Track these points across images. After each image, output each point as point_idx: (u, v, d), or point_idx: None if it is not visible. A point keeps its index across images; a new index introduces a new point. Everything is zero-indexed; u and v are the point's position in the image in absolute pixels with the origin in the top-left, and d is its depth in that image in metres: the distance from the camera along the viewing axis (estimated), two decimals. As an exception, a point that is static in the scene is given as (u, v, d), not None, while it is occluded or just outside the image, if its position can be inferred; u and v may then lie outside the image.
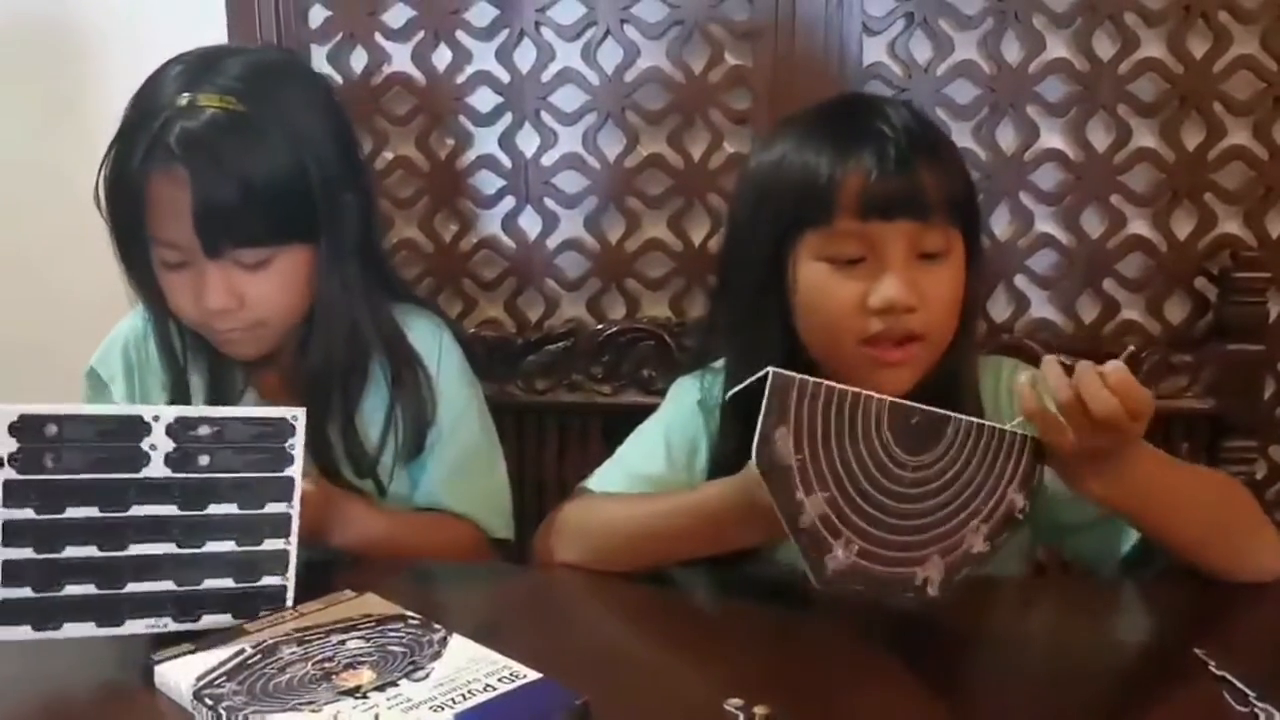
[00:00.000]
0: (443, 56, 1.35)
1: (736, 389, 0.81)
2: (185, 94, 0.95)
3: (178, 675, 0.73)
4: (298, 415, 0.81)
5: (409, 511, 1.09)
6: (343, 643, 0.78)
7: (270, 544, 0.82)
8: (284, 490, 0.82)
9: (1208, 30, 1.25)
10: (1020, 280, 1.32)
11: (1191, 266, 1.30)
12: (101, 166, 0.99)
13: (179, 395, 1.05)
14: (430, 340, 1.12)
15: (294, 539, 0.83)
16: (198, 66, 0.98)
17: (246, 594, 0.82)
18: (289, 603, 0.83)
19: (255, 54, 1.06)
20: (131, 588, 0.79)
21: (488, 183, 1.37)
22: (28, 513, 0.75)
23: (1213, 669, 0.75)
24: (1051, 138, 1.30)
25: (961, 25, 1.28)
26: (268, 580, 0.82)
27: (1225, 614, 0.87)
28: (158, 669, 0.75)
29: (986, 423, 0.80)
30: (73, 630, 0.78)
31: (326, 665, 0.74)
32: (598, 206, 1.36)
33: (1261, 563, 0.89)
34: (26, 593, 0.76)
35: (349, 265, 1.04)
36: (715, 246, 1.34)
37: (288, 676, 0.73)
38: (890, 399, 0.79)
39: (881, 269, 0.90)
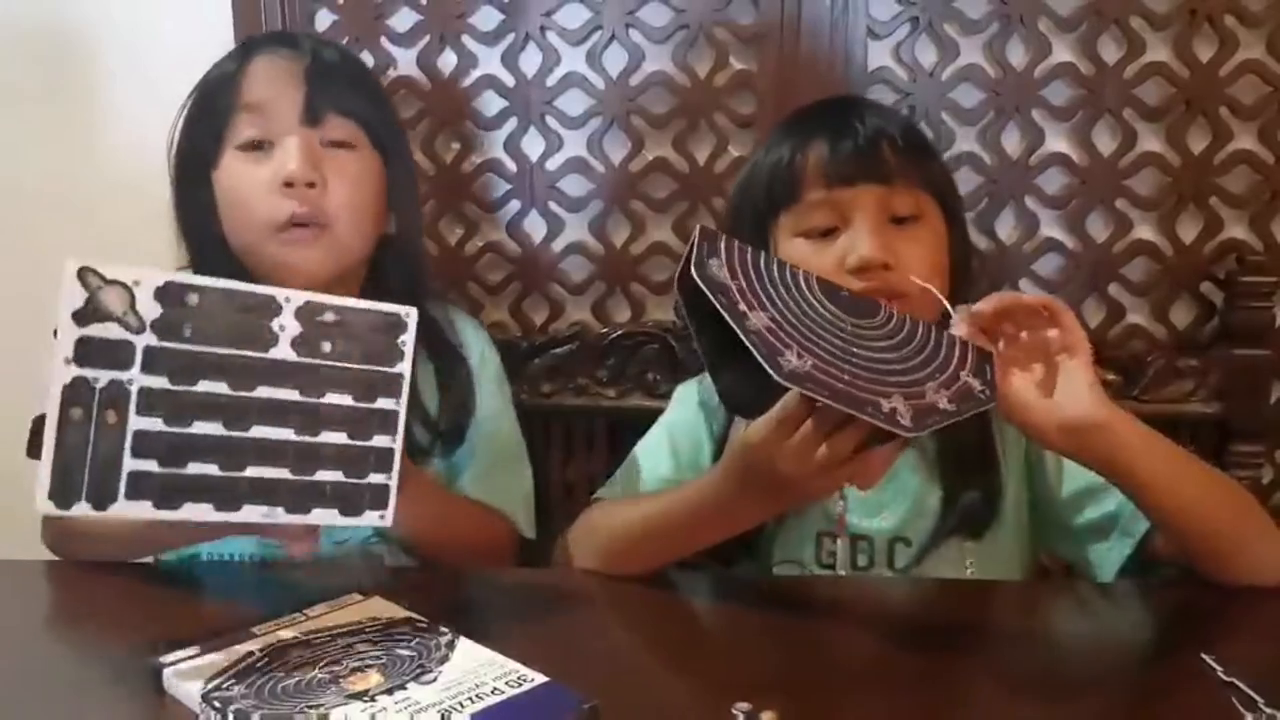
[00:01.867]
0: (448, 60, 1.35)
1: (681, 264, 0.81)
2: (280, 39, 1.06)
3: (186, 678, 0.73)
4: (410, 313, 0.82)
5: (462, 496, 1.09)
6: (350, 646, 0.78)
7: (378, 440, 0.81)
8: (394, 386, 0.82)
9: (1213, 34, 1.26)
10: (1025, 284, 1.32)
11: (1197, 271, 1.30)
12: (181, 111, 1.05)
13: None
14: (473, 337, 1.15)
15: (400, 437, 0.82)
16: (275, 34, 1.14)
17: (355, 489, 0.81)
18: (392, 503, 0.82)
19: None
20: (251, 471, 0.77)
21: (493, 186, 1.38)
22: (163, 381, 0.74)
23: (1221, 675, 0.75)
24: (1057, 142, 1.30)
25: (966, 29, 1.28)
26: (374, 477, 0.81)
27: (1233, 619, 0.87)
28: (166, 671, 0.74)
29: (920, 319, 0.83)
30: (191, 512, 0.76)
31: (334, 669, 0.74)
32: (603, 210, 1.36)
33: (1266, 566, 0.89)
34: (153, 466, 0.75)
35: (414, 207, 1.11)
36: (720, 250, 1.35)
37: (295, 679, 0.73)
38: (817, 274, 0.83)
39: (854, 234, 0.94)
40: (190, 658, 0.76)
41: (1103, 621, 0.91)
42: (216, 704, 0.70)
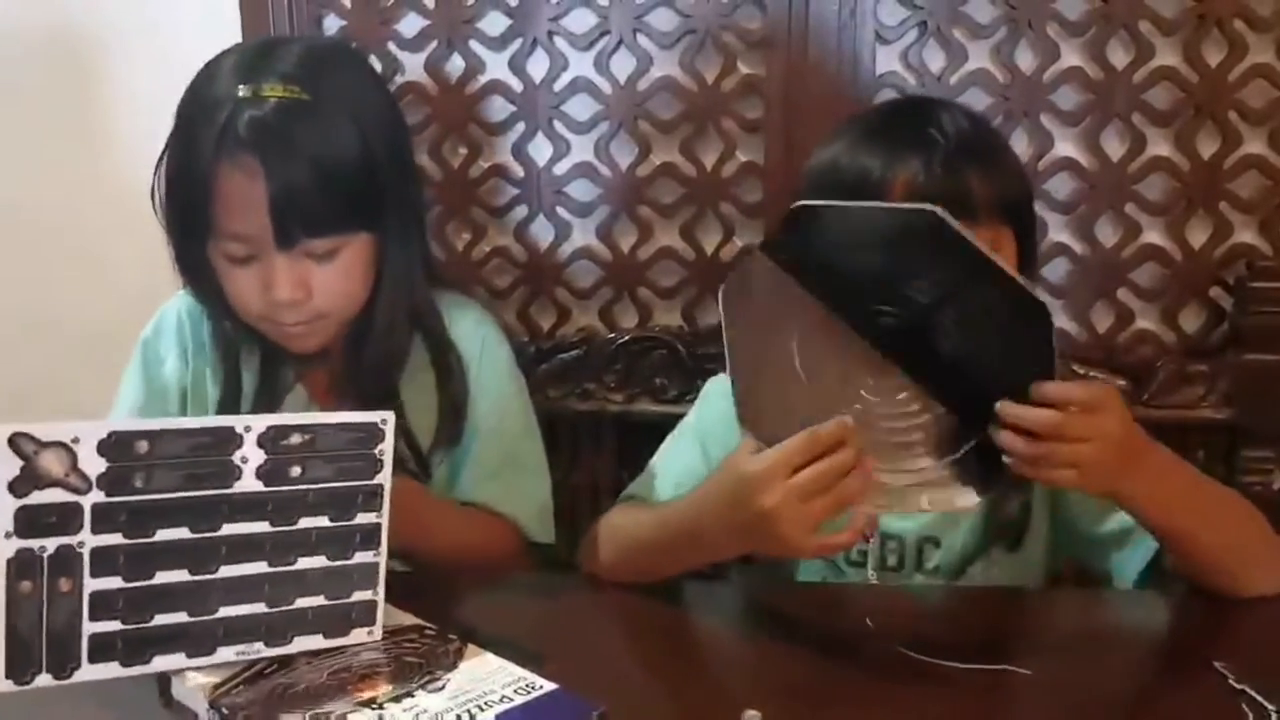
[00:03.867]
0: (456, 65, 1.35)
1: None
2: (246, 85, 0.95)
3: (194, 685, 0.73)
4: (387, 419, 0.78)
5: (457, 504, 1.08)
6: (358, 653, 0.78)
7: (360, 556, 0.79)
8: (373, 499, 0.78)
9: (1223, 39, 1.25)
10: (1034, 289, 1.32)
11: (1207, 276, 1.30)
12: (158, 166, 1.00)
13: (231, 390, 1.06)
14: (474, 333, 1.11)
15: (384, 550, 0.79)
16: (254, 57, 0.98)
17: (338, 611, 0.78)
18: (379, 619, 0.80)
19: (307, 42, 1.08)
20: (223, 612, 0.75)
21: (500, 191, 1.37)
22: (116, 538, 0.71)
23: (1232, 682, 0.75)
24: (1065, 147, 1.29)
25: (975, 34, 1.28)
26: (358, 595, 0.79)
27: (1245, 627, 0.87)
28: (174, 678, 0.74)
29: None
30: (162, 664, 0.74)
31: (342, 676, 0.74)
32: (610, 215, 1.36)
33: (1272, 582, 0.90)
34: (115, 626, 0.72)
35: (411, 251, 1.04)
36: (728, 255, 1.35)
37: (303, 686, 0.73)
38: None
39: None
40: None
41: (1115, 628, 0.91)
42: (224, 710, 0.70)
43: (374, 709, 0.70)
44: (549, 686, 0.72)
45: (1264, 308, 1.25)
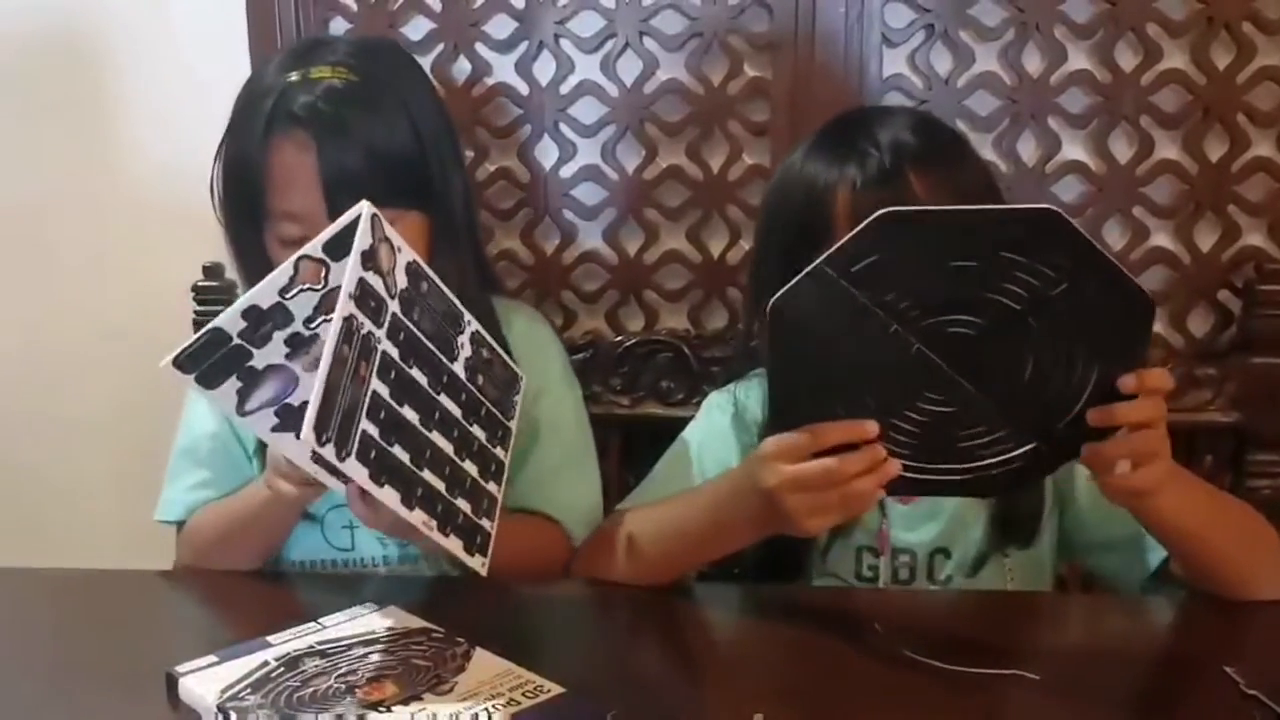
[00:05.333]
0: (462, 68, 1.35)
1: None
2: (297, 70, 0.97)
3: (201, 687, 0.73)
4: (523, 377, 0.88)
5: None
6: (366, 656, 0.78)
7: (491, 485, 0.85)
8: (506, 438, 0.87)
9: (1231, 41, 1.25)
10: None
11: (1215, 279, 1.29)
12: (216, 157, 1.01)
13: None
14: (532, 336, 1.12)
15: (503, 488, 0.86)
16: (302, 49, 1.01)
17: (474, 527, 0.82)
18: (490, 554, 0.83)
19: (356, 37, 1.10)
20: (426, 474, 0.77)
21: (507, 195, 1.37)
22: (395, 352, 0.75)
23: (1243, 688, 0.74)
24: (1073, 149, 1.29)
25: (982, 36, 1.28)
26: (485, 521, 0.83)
27: (1256, 633, 0.86)
28: (181, 681, 0.74)
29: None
30: (388, 496, 0.74)
31: (350, 679, 0.74)
32: (616, 218, 1.36)
33: (1274, 583, 0.90)
34: (375, 433, 0.73)
35: (461, 241, 1.05)
36: (734, 258, 1.35)
37: (311, 689, 0.73)
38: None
39: None
40: (206, 666, 0.76)
41: (1126, 634, 0.90)
42: (232, 713, 0.70)
43: (382, 711, 0.70)
44: (557, 690, 0.72)
45: (1272, 311, 1.25)
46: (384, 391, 0.74)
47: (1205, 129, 1.27)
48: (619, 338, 1.35)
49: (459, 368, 0.80)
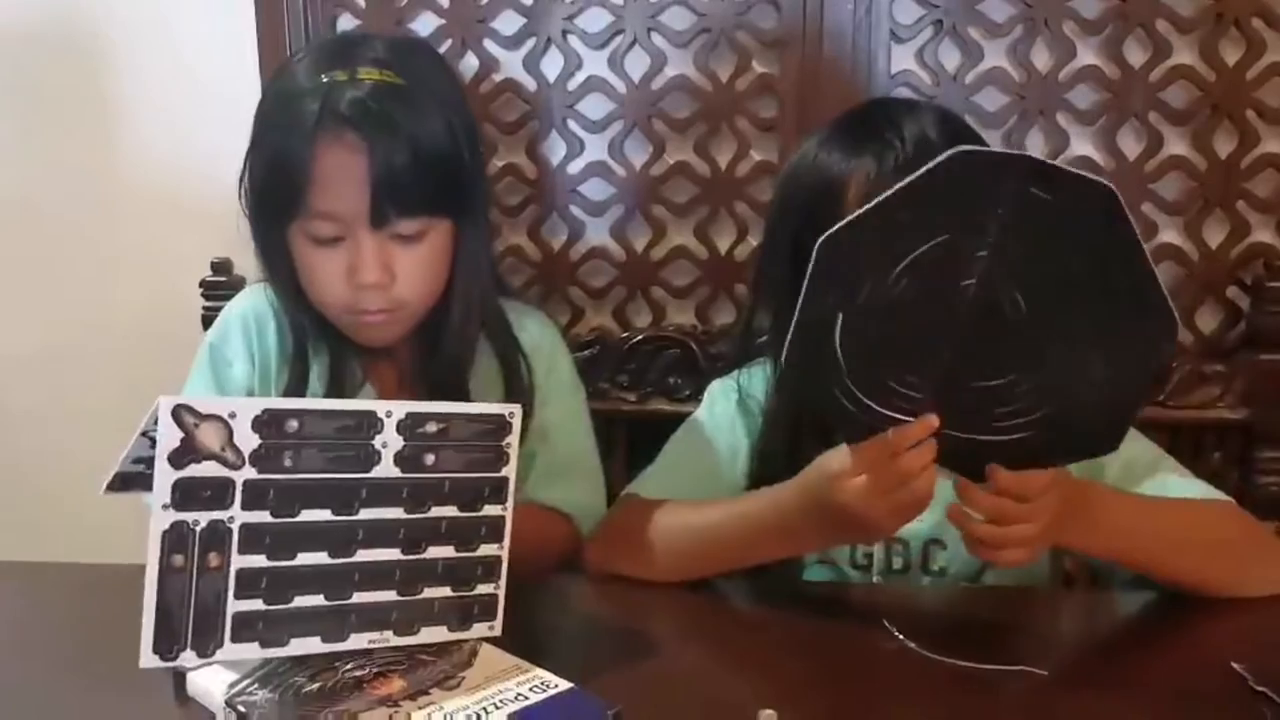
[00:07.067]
0: (470, 64, 1.35)
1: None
2: (341, 69, 0.96)
3: (209, 682, 0.73)
4: (514, 412, 0.79)
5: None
6: (373, 651, 0.78)
7: (485, 549, 0.79)
8: (499, 492, 0.79)
9: (1240, 37, 1.24)
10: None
11: (1224, 275, 1.29)
12: (249, 154, 1.00)
13: (298, 385, 1.05)
14: (542, 340, 1.12)
15: (506, 544, 0.80)
16: (339, 46, 1.01)
17: (462, 603, 0.79)
18: (499, 613, 0.80)
19: (388, 36, 1.09)
20: (357, 598, 0.75)
21: (514, 191, 1.38)
22: (264, 516, 0.71)
23: (1251, 684, 0.74)
24: (1082, 146, 1.29)
25: (991, 32, 1.27)
26: (481, 588, 0.79)
27: (1265, 629, 0.86)
28: (189, 675, 0.74)
29: None
30: (298, 646, 0.74)
31: (357, 674, 0.74)
32: (624, 214, 1.36)
33: (1270, 578, 0.90)
34: (258, 605, 0.72)
35: (481, 250, 1.05)
36: (742, 254, 1.35)
37: (319, 684, 0.73)
38: None
39: None
40: (213, 661, 0.76)
41: (1132, 629, 0.90)
42: (240, 708, 0.70)
43: (390, 706, 0.70)
44: (564, 685, 0.72)
45: (1282, 308, 1.24)
46: (255, 561, 0.71)
47: (1214, 125, 1.27)
48: (626, 334, 1.35)
49: (385, 470, 0.74)
